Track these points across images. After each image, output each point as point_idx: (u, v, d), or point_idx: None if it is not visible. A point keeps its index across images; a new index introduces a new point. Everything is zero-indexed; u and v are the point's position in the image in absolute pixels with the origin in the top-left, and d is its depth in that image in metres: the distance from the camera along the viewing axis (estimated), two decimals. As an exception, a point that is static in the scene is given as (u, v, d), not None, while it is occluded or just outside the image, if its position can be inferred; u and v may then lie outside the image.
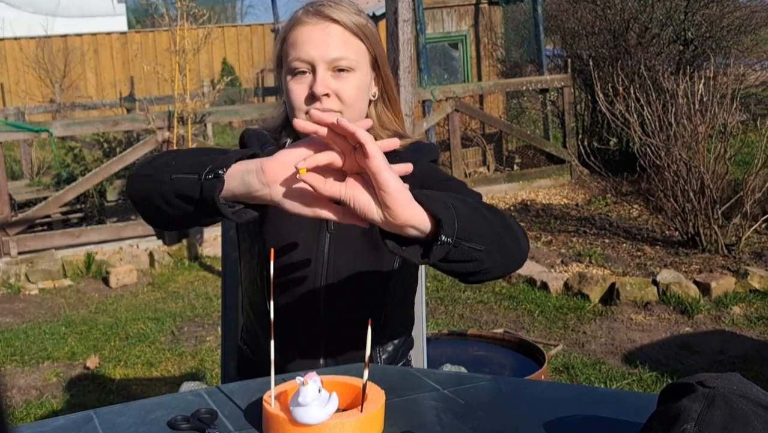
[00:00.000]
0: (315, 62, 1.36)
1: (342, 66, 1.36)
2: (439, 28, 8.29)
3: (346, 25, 1.37)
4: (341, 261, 1.44)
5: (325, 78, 1.36)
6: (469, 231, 1.07)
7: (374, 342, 1.51)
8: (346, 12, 1.38)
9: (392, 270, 1.47)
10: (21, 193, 7.02)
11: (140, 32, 14.32)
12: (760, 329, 3.92)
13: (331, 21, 1.36)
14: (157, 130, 5.97)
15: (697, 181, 4.97)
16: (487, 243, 1.10)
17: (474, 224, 1.09)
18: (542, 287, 4.61)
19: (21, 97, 12.60)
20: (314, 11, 1.37)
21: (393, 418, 1.11)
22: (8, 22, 13.35)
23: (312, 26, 1.36)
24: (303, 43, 1.36)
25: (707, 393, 0.91)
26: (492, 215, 1.16)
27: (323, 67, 1.36)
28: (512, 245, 1.18)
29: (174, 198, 1.17)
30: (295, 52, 1.37)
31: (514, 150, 8.39)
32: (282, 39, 1.41)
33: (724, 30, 7.64)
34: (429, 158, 1.46)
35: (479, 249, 1.09)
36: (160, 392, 3.53)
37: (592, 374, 3.51)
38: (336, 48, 1.36)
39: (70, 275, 5.44)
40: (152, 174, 1.22)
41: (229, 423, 1.13)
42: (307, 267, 1.44)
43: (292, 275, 1.45)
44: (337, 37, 1.36)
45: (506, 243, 1.16)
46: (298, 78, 1.38)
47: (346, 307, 1.46)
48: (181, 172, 1.16)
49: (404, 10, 3.95)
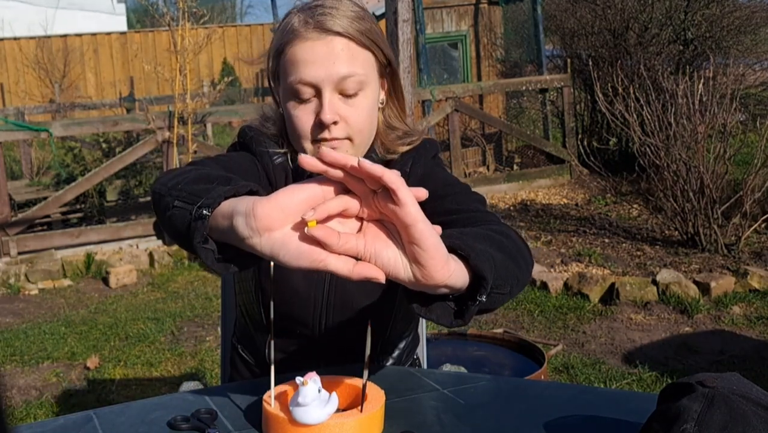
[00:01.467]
0: (320, 85, 1.21)
1: (351, 88, 1.22)
2: (439, 28, 8.29)
3: (352, 36, 1.22)
4: None
5: (332, 103, 1.22)
6: (500, 277, 0.95)
7: (381, 351, 1.45)
8: (348, 18, 1.22)
9: None
10: (21, 194, 7.02)
11: (140, 32, 14.32)
12: (759, 329, 3.93)
13: (335, 34, 1.21)
14: (157, 130, 5.97)
15: (697, 181, 4.97)
16: (512, 284, 1.00)
17: (504, 268, 0.97)
18: (542, 287, 4.61)
19: (21, 97, 12.61)
20: (314, 24, 1.21)
21: (393, 418, 1.11)
22: (8, 22, 13.35)
23: (313, 42, 1.20)
24: (305, 62, 1.21)
25: (707, 393, 0.91)
26: (510, 244, 1.05)
27: (330, 90, 1.21)
28: (526, 274, 1.08)
29: (177, 228, 1.01)
30: (297, 74, 1.22)
31: (513, 150, 8.39)
32: (278, 51, 1.26)
33: (724, 30, 7.64)
34: (429, 154, 1.36)
35: (505, 293, 0.99)
36: (160, 392, 3.53)
37: (592, 373, 3.51)
38: (343, 65, 1.21)
39: (69, 275, 5.44)
40: (164, 195, 1.08)
41: (229, 423, 1.13)
42: (310, 276, 1.32)
43: (293, 284, 1.35)
44: (342, 53, 1.21)
45: (524, 276, 1.06)
46: (302, 104, 1.24)
47: (351, 319, 1.36)
48: (181, 201, 1.00)
49: (404, 10, 3.95)
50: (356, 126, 1.24)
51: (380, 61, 1.28)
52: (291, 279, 1.33)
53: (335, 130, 1.23)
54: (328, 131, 1.22)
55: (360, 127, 1.25)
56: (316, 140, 1.24)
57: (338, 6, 1.23)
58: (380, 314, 1.37)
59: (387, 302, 1.36)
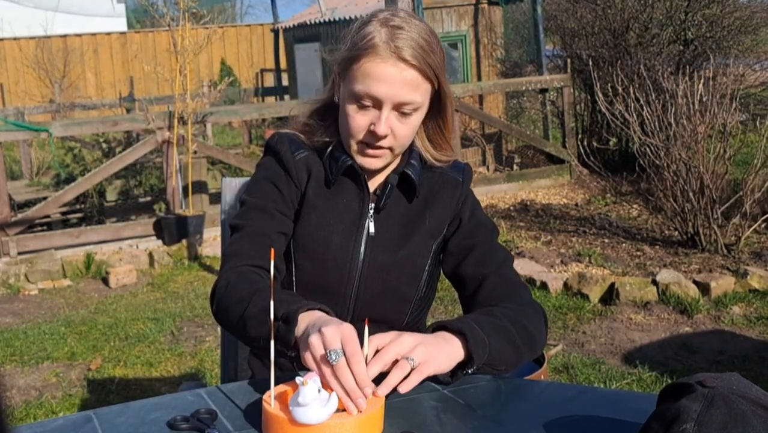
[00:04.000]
0: (383, 101, 1.35)
1: (407, 110, 1.37)
2: (439, 28, 8.29)
3: (422, 70, 1.35)
4: (376, 263, 1.45)
5: (389, 119, 1.37)
6: (494, 359, 1.24)
7: None
8: (422, 50, 1.35)
9: (424, 272, 1.48)
10: (20, 194, 7.03)
11: (140, 32, 14.33)
12: (759, 329, 3.93)
13: (409, 65, 1.34)
14: (157, 130, 5.98)
15: (697, 181, 4.97)
16: (507, 364, 1.29)
17: (500, 353, 1.26)
18: (542, 287, 4.61)
19: (20, 98, 12.62)
20: (394, 49, 1.34)
21: (393, 418, 1.11)
22: (8, 22, 13.35)
23: (388, 65, 1.34)
24: (377, 79, 1.34)
25: (707, 393, 0.91)
26: (519, 331, 1.32)
27: (389, 107, 1.36)
28: (528, 355, 1.34)
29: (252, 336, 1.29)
30: (365, 86, 1.35)
31: (513, 150, 8.39)
32: (352, 57, 1.38)
33: (724, 30, 7.64)
34: (469, 182, 1.53)
35: (500, 370, 1.28)
36: (160, 392, 3.53)
37: (592, 374, 3.51)
38: (407, 92, 1.35)
39: (69, 275, 5.44)
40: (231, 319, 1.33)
41: (229, 423, 1.13)
42: (341, 268, 1.44)
43: (325, 275, 1.45)
44: (410, 83, 1.35)
45: (523, 358, 1.32)
46: (362, 109, 1.38)
47: (376, 309, 1.46)
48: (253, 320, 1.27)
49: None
50: (401, 140, 1.41)
51: (436, 88, 1.41)
52: (328, 237, 1.45)
53: (383, 141, 1.39)
54: (376, 140, 1.38)
55: (404, 142, 1.42)
56: (363, 142, 1.40)
57: (416, 34, 1.36)
58: (403, 297, 1.50)
59: (411, 284, 1.49)
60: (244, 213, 1.44)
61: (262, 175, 1.48)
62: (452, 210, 1.50)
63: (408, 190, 1.47)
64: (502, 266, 1.45)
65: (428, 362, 1.14)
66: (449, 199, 1.49)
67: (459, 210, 1.50)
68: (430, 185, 1.49)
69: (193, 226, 5.84)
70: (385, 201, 1.46)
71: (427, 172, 1.50)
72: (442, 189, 1.50)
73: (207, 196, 6.30)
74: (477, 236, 1.48)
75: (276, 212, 1.43)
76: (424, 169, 1.49)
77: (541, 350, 1.40)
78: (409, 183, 1.46)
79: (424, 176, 1.49)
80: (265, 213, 1.42)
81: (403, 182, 1.46)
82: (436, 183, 1.50)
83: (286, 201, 1.45)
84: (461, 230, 1.49)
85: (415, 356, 1.13)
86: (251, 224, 1.42)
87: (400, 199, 1.47)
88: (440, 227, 1.49)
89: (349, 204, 1.46)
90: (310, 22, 10.15)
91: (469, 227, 1.49)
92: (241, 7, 30.27)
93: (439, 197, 1.49)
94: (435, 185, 1.50)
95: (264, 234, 1.41)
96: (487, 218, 1.53)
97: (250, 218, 1.43)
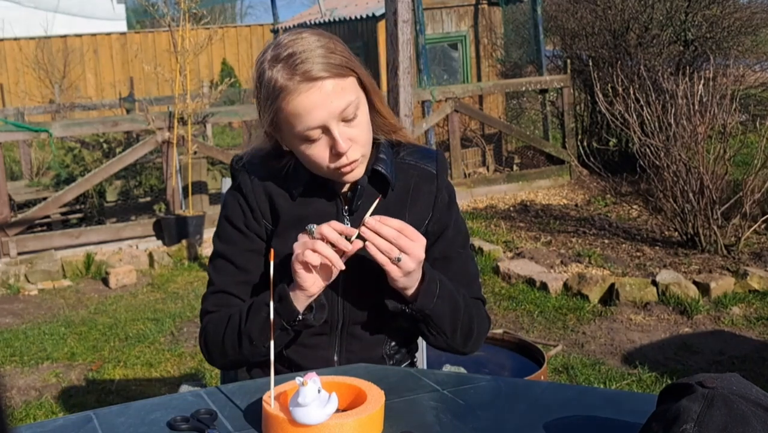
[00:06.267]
0: (327, 124, 1.33)
1: (350, 113, 1.35)
2: (439, 29, 8.29)
3: (334, 73, 1.33)
4: (359, 261, 1.42)
5: (343, 133, 1.35)
6: (436, 316, 1.40)
7: (387, 349, 1.52)
8: (323, 58, 1.32)
9: None
10: (20, 194, 7.02)
11: (140, 33, 14.33)
12: (759, 330, 3.93)
13: (321, 80, 1.32)
14: (157, 130, 5.98)
15: (697, 181, 4.97)
16: (439, 333, 1.43)
17: (440, 319, 1.41)
18: (542, 288, 4.61)
19: (20, 98, 12.61)
20: (300, 76, 1.31)
21: (393, 418, 1.11)
22: (8, 22, 13.35)
23: (306, 93, 1.32)
24: (306, 112, 1.32)
25: (707, 394, 0.91)
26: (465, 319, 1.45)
27: (335, 123, 1.34)
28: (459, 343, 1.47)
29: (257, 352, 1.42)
30: (303, 123, 1.33)
31: (513, 150, 8.40)
32: (274, 110, 1.36)
33: (724, 31, 7.64)
34: (445, 171, 1.53)
35: (442, 331, 1.43)
36: (160, 392, 3.53)
37: (592, 374, 3.51)
38: (339, 100, 1.33)
39: (69, 275, 5.44)
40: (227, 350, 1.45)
41: (229, 424, 1.13)
42: None
43: None
44: (334, 91, 1.33)
45: (455, 342, 1.46)
46: (314, 143, 1.36)
47: (365, 312, 1.46)
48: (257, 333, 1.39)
49: (404, 10, 3.95)
50: (364, 143, 1.39)
51: (358, 75, 1.39)
52: None
53: (351, 153, 1.37)
54: (345, 157, 1.36)
55: (365, 141, 1.40)
56: (334, 166, 1.38)
57: (308, 47, 1.33)
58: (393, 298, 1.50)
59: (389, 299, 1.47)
60: (212, 260, 1.54)
61: (225, 214, 1.52)
62: (430, 205, 1.48)
63: (381, 185, 1.45)
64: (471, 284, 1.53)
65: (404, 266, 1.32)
66: (427, 195, 1.48)
67: (439, 215, 1.49)
68: (405, 180, 1.47)
69: (193, 226, 5.84)
70: (357, 201, 1.44)
71: (400, 166, 1.48)
72: (417, 184, 1.48)
73: (207, 197, 6.30)
74: (451, 256, 1.52)
75: (239, 258, 1.49)
76: (396, 163, 1.48)
77: (469, 351, 1.50)
78: (382, 178, 1.44)
79: (399, 172, 1.47)
80: (230, 264, 1.50)
81: (375, 178, 1.44)
82: (411, 178, 1.48)
83: (250, 237, 1.49)
84: (442, 240, 1.51)
85: (402, 258, 1.30)
86: (217, 279, 1.51)
87: (375, 195, 1.43)
88: (420, 222, 1.46)
89: (323, 209, 1.44)
90: (310, 22, 10.15)
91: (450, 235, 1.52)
92: (241, 8, 30.25)
93: (415, 194, 1.48)
94: (410, 180, 1.48)
95: (225, 292, 1.49)
96: (461, 219, 1.55)
97: (217, 270, 1.52)
